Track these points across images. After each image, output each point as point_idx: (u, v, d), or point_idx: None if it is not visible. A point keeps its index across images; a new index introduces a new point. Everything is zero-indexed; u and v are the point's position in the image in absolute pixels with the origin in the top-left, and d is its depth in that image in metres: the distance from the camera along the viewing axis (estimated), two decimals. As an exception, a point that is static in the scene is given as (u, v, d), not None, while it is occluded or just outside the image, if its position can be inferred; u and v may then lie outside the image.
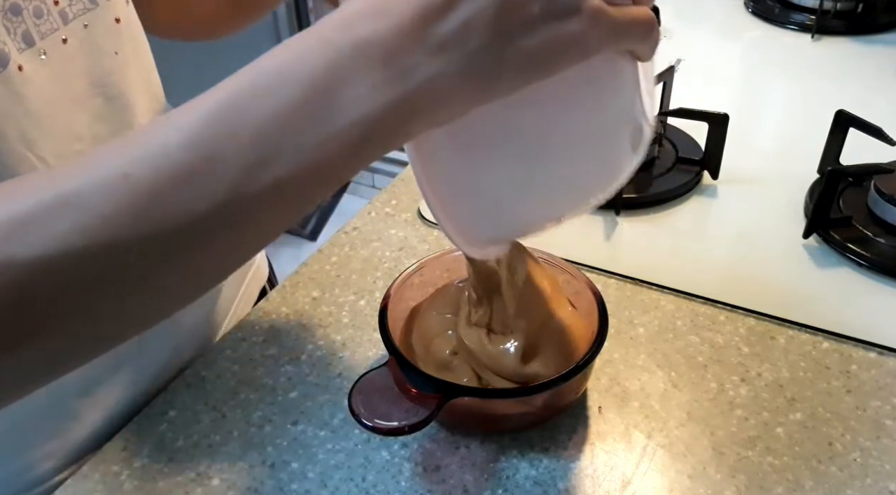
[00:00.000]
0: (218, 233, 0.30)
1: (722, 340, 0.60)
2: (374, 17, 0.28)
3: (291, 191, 0.30)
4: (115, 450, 0.53)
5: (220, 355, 0.61)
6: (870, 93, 0.95)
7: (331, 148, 0.29)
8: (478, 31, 0.28)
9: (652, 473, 0.50)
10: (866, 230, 0.69)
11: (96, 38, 0.49)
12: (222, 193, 0.29)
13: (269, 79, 0.29)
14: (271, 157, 0.29)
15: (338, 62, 0.28)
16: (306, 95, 0.28)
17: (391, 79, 0.28)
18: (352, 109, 0.28)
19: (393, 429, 0.47)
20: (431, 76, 0.29)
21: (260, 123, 0.28)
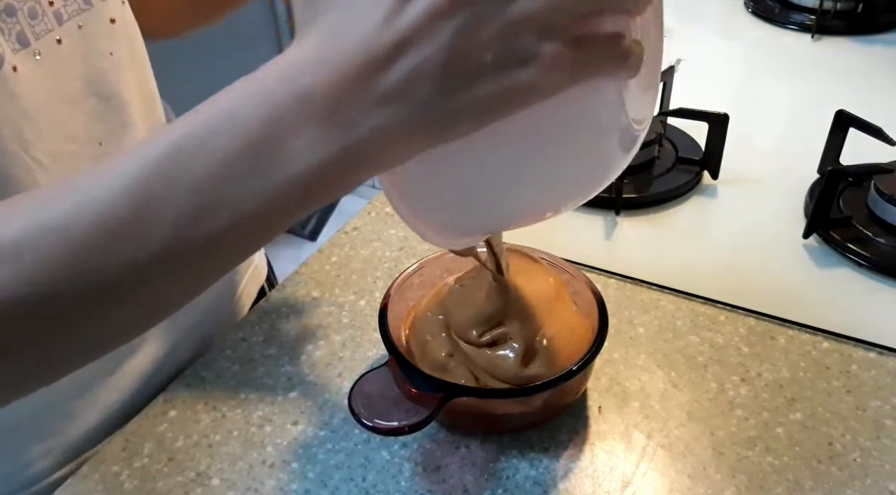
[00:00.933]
0: (159, 279, 0.30)
1: (722, 340, 0.60)
2: (318, 67, 0.27)
3: (232, 240, 0.30)
4: (115, 450, 0.53)
5: (220, 355, 0.61)
6: (870, 93, 0.95)
7: (271, 200, 0.29)
8: (424, 83, 0.27)
9: (652, 473, 0.50)
10: (866, 230, 0.69)
11: (91, 38, 0.49)
12: (161, 243, 0.29)
13: (209, 130, 0.28)
14: (210, 209, 0.29)
15: (278, 115, 0.28)
16: (246, 148, 0.28)
17: (333, 132, 0.28)
18: (292, 163, 0.28)
19: (393, 429, 0.47)
20: (376, 128, 0.28)
21: (198, 176, 0.28)
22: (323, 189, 0.29)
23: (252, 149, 0.28)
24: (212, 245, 0.30)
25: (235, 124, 0.28)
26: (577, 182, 0.41)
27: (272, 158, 0.28)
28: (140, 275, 0.30)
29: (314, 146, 0.28)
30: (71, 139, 0.49)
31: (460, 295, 0.54)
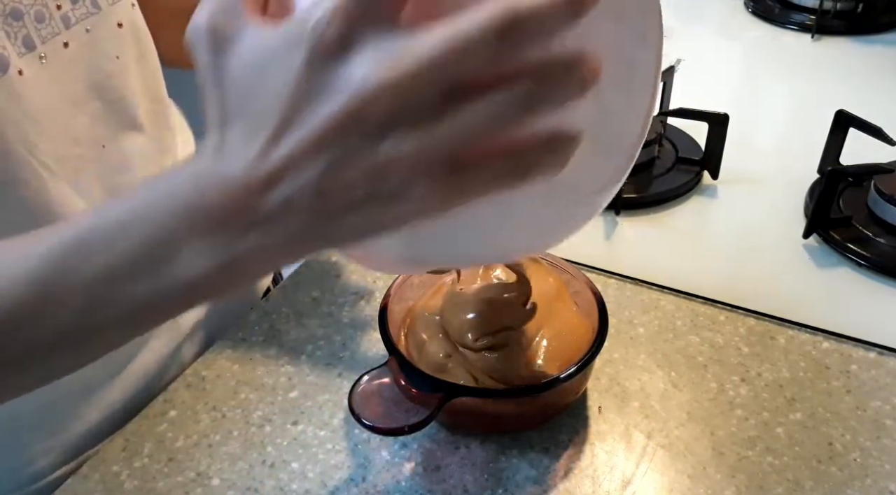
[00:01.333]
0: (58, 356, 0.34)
1: (722, 340, 0.60)
2: (207, 187, 0.29)
3: (125, 328, 0.33)
4: (115, 450, 0.53)
5: (220, 355, 0.61)
6: (870, 93, 0.95)
7: (160, 300, 0.31)
8: (298, 212, 0.29)
9: (652, 473, 0.50)
10: (866, 230, 0.69)
11: (98, 42, 0.50)
12: (60, 329, 0.32)
13: (108, 232, 0.31)
14: (103, 304, 0.31)
15: (171, 227, 0.30)
16: (139, 253, 0.30)
17: (217, 246, 0.30)
18: (181, 269, 0.30)
19: (393, 429, 0.47)
20: (256, 246, 0.30)
21: (95, 274, 0.31)
22: (208, 293, 0.32)
23: (144, 255, 0.30)
24: (106, 331, 0.33)
25: (132, 230, 0.30)
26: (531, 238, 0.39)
27: (162, 264, 0.30)
28: (41, 352, 0.33)
29: (200, 256, 0.30)
30: (75, 142, 0.49)
31: (459, 299, 0.54)
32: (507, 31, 0.26)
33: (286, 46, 0.27)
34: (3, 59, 0.43)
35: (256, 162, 0.28)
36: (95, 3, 0.49)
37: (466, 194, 0.30)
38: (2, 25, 0.43)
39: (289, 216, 0.29)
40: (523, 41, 0.27)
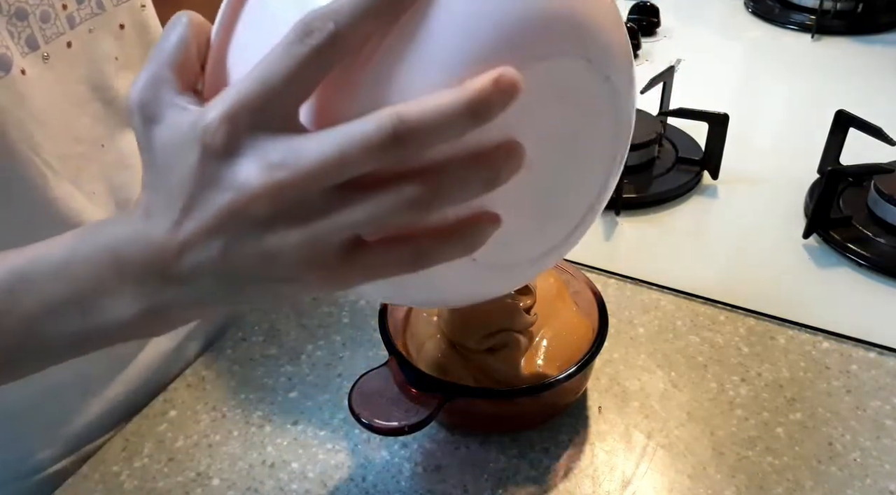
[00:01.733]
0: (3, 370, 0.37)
1: (722, 340, 0.60)
2: (133, 245, 0.32)
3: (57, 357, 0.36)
4: (115, 450, 0.53)
5: (220, 355, 0.61)
6: (870, 93, 0.95)
7: (89, 337, 0.35)
8: (206, 278, 0.31)
9: (652, 473, 0.50)
10: (866, 230, 0.69)
11: (98, 42, 0.50)
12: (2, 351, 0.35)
13: (47, 271, 0.34)
14: (37, 336, 0.34)
15: (100, 276, 0.33)
16: (72, 297, 0.33)
17: (141, 296, 0.32)
18: (108, 314, 0.33)
19: (393, 429, 0.47)
20: (175, 300, 0.33)
21: (29, 309, 0.34)
22: (133, 334, 0.35)
23: (76, 299, 0.33)
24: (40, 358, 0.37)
25: (67, 275, 0.33)
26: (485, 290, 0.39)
27: (91, 308, 0.33)
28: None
29: (125, 304, 0.33)
30: (77, 141, 0.50)
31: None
32: (394, 140, 0.27)
33: (187, 140, 0.29)
34: (6, 59, 0.43)
35: (172, 231, 0.31)
36: (101, 3, 0.50)
37: (363, 278, 0.31)
38: (6, 25, 0.44)
39: (198, 279, 0.31)
40: (413, 148, 0.27)
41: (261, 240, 0.30)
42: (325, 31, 0.27)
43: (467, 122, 0.27)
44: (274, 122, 0.28)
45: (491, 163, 0.29)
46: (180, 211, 0.30)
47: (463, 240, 0.31)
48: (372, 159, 0.27)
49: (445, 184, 0.29)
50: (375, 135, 0.27)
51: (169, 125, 0.30)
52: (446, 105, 0.27)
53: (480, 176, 0.29)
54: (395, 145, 0.27)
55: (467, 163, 0.29)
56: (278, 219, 0.29)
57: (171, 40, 0.31)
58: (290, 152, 0.28)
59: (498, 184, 0.29)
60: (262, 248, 0.30)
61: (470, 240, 0.31)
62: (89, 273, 0.33)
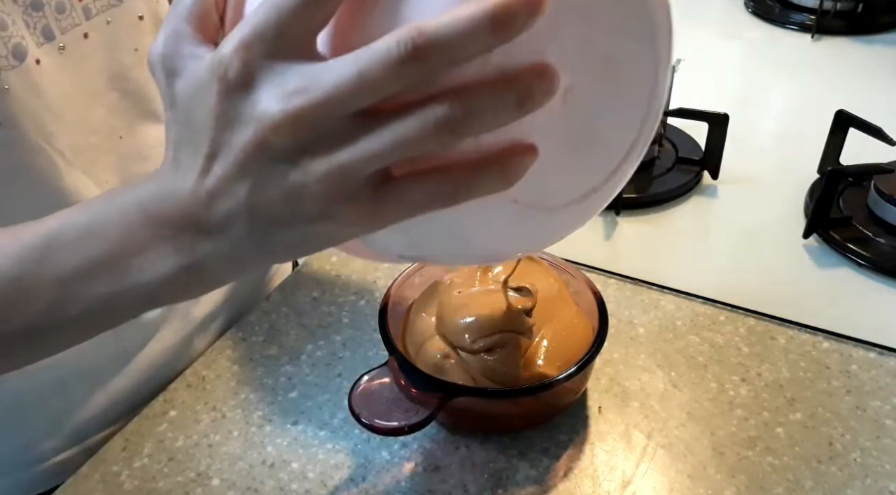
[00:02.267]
0: (33, 343, 0.36)
1: (722, 340, 0.60)
2: (163, 201, 0.31)
3: (92, 323, 0.36)
4: (115, 450, 0.53)
5: (220, 355, 0.61)
6: (870, 93, 0.95)
7: (124, 299, 0.34)
8: (237, 225, 0.31)
9: (652, 473, 0.50)
10: (866, 230, 0.69)
11: (118, 34, 0.51)
12: (32, 320, 0.34)
13: (76, 236, 0.33)
14: (71, 299, 0.34)
15: (133, 234, 0.32)
16: (104, 256, 0.33)
17: (175, 253, 0.32)
18: (143, 274, 0.32)
19: (393, 429, 0.47)
20: (208, 254, 0.32)
21: (63, 271, 0.33)
22: (168, 296, 0.34)
23: (109, 258, 0.33)
24: (72, 326, 0.35)
25: (98, 235, 0.33)
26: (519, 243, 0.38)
27: (125, 267, 0.32)
28: (8, 342, 0.36)
29: (159, 261, 0.32)
30: (92, 132, 0.50)
31: (456, 302, 0.54)
32: (415, 55, 0.25)
33: (206, 80, 0.29)
34: (22, 49, 0.44)
35: (200, 179, 0.30)
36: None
37: (397, 213, 0.30)
38: (21, 15, 0.45)
39: (231, 228, 0.31)
40: (435, 66, 0.26)
41: (286, 175, 0.29)
42: None
43: (491, 35, 0.25)
44: (290, 50, 0.27)
45: (521, 84, 0.27)
46: (205, 158, 0.29)
47: (500, 170, 0.29)
48: (393, 79, 0.26)
49: (474, 105, 0.27)
50: (395, 52, 0.25)
51: (189, 75, 0.30)
52: (468, 17, 0.25)
53: (511, 98, 0.27)
54: (416, 61, 0.25)
55: (495, 83, 0.27)
56: (301, 150, 0.28)
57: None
58: (308, 78, 0.27)
59: (531, 107, 0.27)
60: (289, 183, 0.29)
61: (507, 172, 0.29)
62: (120, 231, 0.32)
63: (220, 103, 0.28)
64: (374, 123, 0.27)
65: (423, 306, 0.56)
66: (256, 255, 0.33)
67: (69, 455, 0.56)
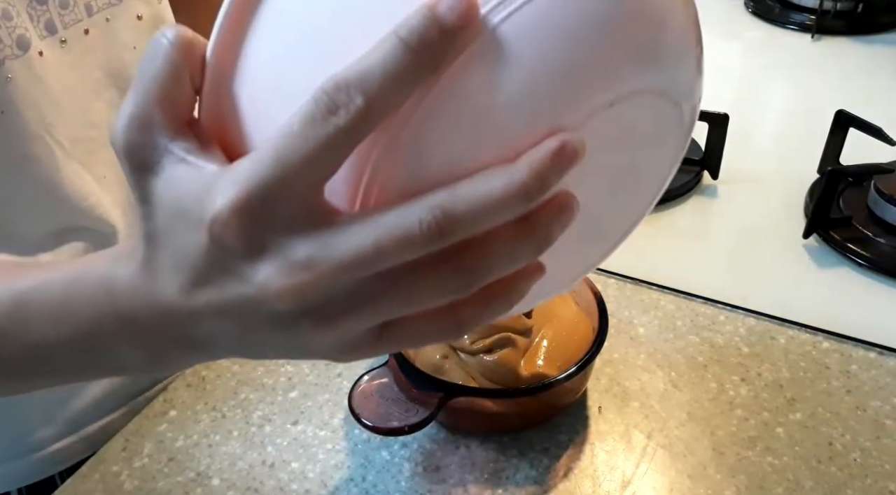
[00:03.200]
0: (10, 385, 0.37)
1: (722, 340, 0.60)
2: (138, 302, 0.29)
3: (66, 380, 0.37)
4: (115, 450, 0.53)
5: (220, 355, 0.61)
6: (870, 93, 0.95)
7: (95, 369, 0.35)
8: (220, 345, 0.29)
9: (652, 473, 0.50)
10: (866, 230, 0.69)
11: (117, 31, 0.52)
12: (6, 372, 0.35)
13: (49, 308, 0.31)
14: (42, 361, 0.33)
15: (101, 324, 0.31)
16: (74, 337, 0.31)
17: (146, 349, 0.30)
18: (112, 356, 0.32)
19: (393, 429, 0.47)
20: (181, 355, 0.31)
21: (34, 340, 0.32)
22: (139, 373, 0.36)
23: (79, 341, 0.31)
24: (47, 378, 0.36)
25: (68, 317, 0.31)
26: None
27: (97, 351, 0.32)
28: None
29: (129, 352, 0.31)
30: (91, 125, 0.51)
31: None
32: (439, 235, 0.23)
33: (192, 216, 0.25)
34: (25, 40, 0.45)
35: (182, 296, 0.27)
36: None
37: (395, 350, 0.30)
38: (26, 8, 0.46)
39: (213, 346, 0.29)
40: (457, 238, 0.24)
41: (283, 332, 0.27)
42: (354, 108, 0.22)
43: (521, 204, 0.23)
44: (294, 209, 0.24)
45: (542, 227, 0.25)
46: (189, 282, 0.27)
47: (506, 299, 0.27)
48: (411, 253, 0.24)
49: (492, 262, 0.25)
50: (416, 230, 0.23)
51: (167, 180, 0.26)
52: (497, 192, 0.23)
53: (529, 245, 0.25)
54: (439, 239, 0.23)
55: (515, 233, 0.25)
56: (303, 316, 0.26)
57: (157, 65, 0.26)
58: (317, 249, 0.24)
59: (548, 246, 0.26)
60: (287, 337, 0.27)
61: (513, 298, 0.27)
62: (90, 317, 0.31)
63: (213, 253, 0.25)
64: (383, 286, 0.25)
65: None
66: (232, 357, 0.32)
67: (66, 443, 0.56)
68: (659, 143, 0.30)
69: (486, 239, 0.25)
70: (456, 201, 0.23)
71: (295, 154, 0.23)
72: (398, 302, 0.26)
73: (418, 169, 0.24)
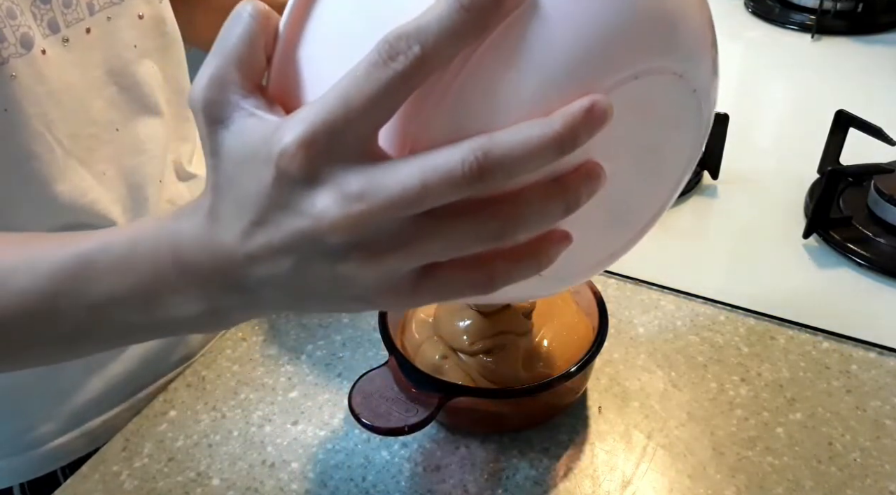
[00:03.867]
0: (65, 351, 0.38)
1: (722, 340, 0.60)
2: (198, 250, 0.31)
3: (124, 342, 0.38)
4: (115, 450, 0.53)
5: (220, 355, 0.61)
6: (870, 93, 0.95)
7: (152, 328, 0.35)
8: (274, 290, 0.31)
9: (652, 473, 0.50)
10: (866, 230, 0.69)
11: (117, 30, 0.52)
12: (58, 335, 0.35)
13: (112, 262, 0.33)
14: (100, 322, 0.35)
15: (161, 272, 0.32)
16: (135, 292, 0.33)
17: (204, 298, 0.32)
18: (171, 309, 0.33)
19: (393, 429, 0.47)
20: (238, 304, 0.33)
21: (95, 299, 0.34)
22: (195, 329, 0.36)
23: (140, 293, 0.33)
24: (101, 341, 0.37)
25: (130, 269, 0.33)
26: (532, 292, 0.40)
27: (153, 304, 0.33)
28: (38, 351, 0.37)
29: (188, 303, 0.33)
30: (91, 123, 0.51)
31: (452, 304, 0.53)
32: (480, 174, 0.26)
33: (260, 157, 0.28)
34: (29, 38, 0.46)
35: (241, 239, 0.30)
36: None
37: (432, 300, 0.31)
38: (30, 6, 0.46)
39: (264, 291, 0.31)
40: (497, 181, 0.26)
41: (333, 266, 0.29)
42: (412, 55, 0.25)
43: (554, 154, 0.26)
44: (353, 148, 0.27)
45: (570, 189, 0.28)
46: (250, 223, 0.29)
47: (536, 260, 0.30)
48: (453, 193, 0.26)
49: (525, 213, 0.28)
50: (459, 169, 0.26)
51: (237, 132, 0.29)
52: (534, 139, 0.26)
53: (560, 204, 0.28)
54: (479, 180, 0.26)
55: (547, 190, 0.28)
56: (353, 249, 0.28)
57: (236, 33, 0.30)
58: (370, 183, 0.27)
59: (577, 208, 0.28)
60: (334, 274, 0.29)
61: (542, 260, 0.30)
62: (151, 269, 0.33)
63: (276, 188, 0.28)
64: (427, 227, 0.28)
65: (420, 307, 0.56)
66: (281, 310, 0.34)
67: (68, 439, 0.57)
68: (677, 127, 0.33)
69: (521, 193, 0.28)
70: (496, 145, 0.26)
71: (358, 94, 0.26)
72: (439, 244, 0.28)
73: (462, 121, 0.27)
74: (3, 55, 0.44)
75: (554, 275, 0.32)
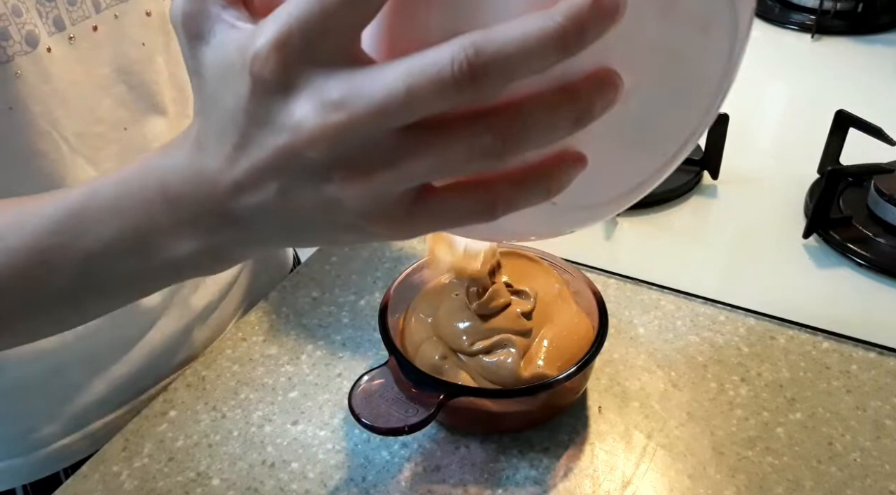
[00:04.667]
0: (57, 310, 0.36)
1: (722, 340, 0.60)
2: (184, 181, 0.30)
3: (118, 294, 0.36)
4: (115, 450, 0.53)
5: (220, 355, 0.61)
6: (870, 93, 0.95)
7: (148, 275, 0.33)
8: (264, 219, 0.29)
9: (652, 473, 0.50)
10: (866, 230, 0.69)
11: (125, 28, 0.52)
12: (57, 290, 0.34)
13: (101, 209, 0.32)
14: (95, 274, 0.33)
15: (153, 215, 0.31)
16: (126, 237, 0.32)
17: (194, 235, 0.31)
18: (165, 251, 0.31)
19: (393, 429, 0.47)
20: (231, 238, 0.31)
21: (86, 248, 0.32)
22: (192, 272, 0.34)
23: (132, 237, 0.32)
24: (98, 296, 0.35)
25: (120, 213, 0.32)
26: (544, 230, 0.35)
27: (148, 246, 0.32)
28: (33, 311, 0.36)
29: (181, 242, 0.31)
30: (98, 121, 0.51)
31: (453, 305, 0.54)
32: (470, 76, 0.23)
33: (236, 67, 0.26)
34: (34, 36, 0.45)
35: (225, 168, 0.28)
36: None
37: (431, 227, 0.28)
38: (35, 4, 0.46)
39: (256, 222, 0.29)
40: (491, 85, 0.23)
41: (318, 187, 0.27)
42: None
43: (556, 54, 0.22)
44: (331, 51, 0.24)
45: (581, 98, 0.24)
46: (233, 147, 0.27)
47: (544, 184, 0.26)
48: (443, 99, 0.23)
49: (527, 126, 0.24)
50: (448, 70, 0.22)
51: (216, 45, 0.27)
52: (532, 34, 0.22)
53: (568, 115, 0.24)
54: (470, 83, 0.23)
55: (553, 99, 0.24)
56: (337, 164, 0.26)
57: None
58: (351, 89, 0.24)
59: (588, 122, 0.25)
60: (321, 196, 0.27)
61: (552, 185, 0.26)
62: (142, 208, 0.31)
63: (252, 100, 0.26)
64: (416, 141, 0.25)
65: (420, 307, 0.56)
66: (278, 245, 0.32)
67: (70, 441, 0.57)
68: (707, 33, 0.28)
69: (522, 100, 0.24)
70: (490, 42, 0.22)
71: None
72: (429, 161, 0.25)
73: (454, 18, 0.24)
74: (8, 53, 0.44)
75: (571, 203, 0.29)
